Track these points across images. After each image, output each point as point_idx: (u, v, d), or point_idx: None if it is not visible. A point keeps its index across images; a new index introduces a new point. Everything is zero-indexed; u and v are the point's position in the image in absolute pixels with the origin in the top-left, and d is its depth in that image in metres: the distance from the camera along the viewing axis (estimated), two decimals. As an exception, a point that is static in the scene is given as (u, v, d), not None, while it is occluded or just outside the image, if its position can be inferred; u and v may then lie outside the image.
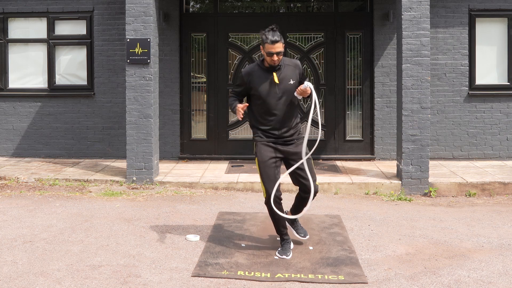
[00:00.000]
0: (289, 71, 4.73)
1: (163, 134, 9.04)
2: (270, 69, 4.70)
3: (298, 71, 4.77)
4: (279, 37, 4.61)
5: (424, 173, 7.26)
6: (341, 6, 9.21)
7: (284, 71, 4.72)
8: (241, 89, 4.83)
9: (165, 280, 4.23)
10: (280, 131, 4.73)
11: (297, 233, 5.06)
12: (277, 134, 4.73)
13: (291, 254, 4.77)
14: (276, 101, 4.68)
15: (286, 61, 4.78)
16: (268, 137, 4.75)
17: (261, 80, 4.70)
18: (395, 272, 4.41)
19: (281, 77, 4.69)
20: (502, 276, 4.32)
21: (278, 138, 4.74)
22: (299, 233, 5.06)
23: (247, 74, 4.76)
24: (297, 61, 4.90)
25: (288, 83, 4.70)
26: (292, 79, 4.72)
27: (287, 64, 4.76)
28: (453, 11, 8.84)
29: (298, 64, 4.83)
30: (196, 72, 9.26)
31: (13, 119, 9.28)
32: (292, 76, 4.72)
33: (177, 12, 9.06)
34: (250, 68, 4.81)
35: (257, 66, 4.78)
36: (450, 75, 8.90)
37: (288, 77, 4.71)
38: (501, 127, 8.91)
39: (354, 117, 9.16)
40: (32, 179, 7.72)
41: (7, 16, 9.25)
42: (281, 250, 4.80)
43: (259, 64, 4.78)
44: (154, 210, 6.29)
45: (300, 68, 4.82)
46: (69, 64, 9.26)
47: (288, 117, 4.74)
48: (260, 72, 4.73)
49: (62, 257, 4.72)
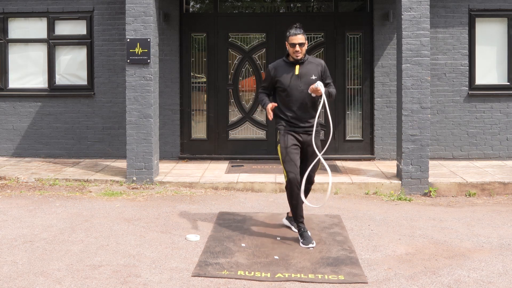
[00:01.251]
0: (312, 67, 5.14)
1: (163, 134, 9.04)
2: (294, 63, 5.11)
3: (320, 69, 5.17)
4: (301, 30, 5.06)
5: (424, 173, 7.26)
6: (341, 6, 9.22)
7: (307, 66, 5.12)
8: (268, 82, 5.22)
9: (165, 280, 4.24)
10: (301, 121, 5.11)
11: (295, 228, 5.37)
12: (298, 124, 5.11)
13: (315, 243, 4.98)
14: (299, 93, 5.07)
15: (310, 59, 5.21)
16: (290, 126, 5.11)
17: (285, 73, 5.11)
18: (395, 272, 4.41)
19: (304, 71, 5.10)
20: (502, 276, 4.33)
21: (299, 127, 5.12)
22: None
23: (273, 67, 5.19)
24: (321, 60, 5.32)
25: (310, 78, 5.08)
26: (314, 75, 5.10)
27: (311, 62, 5.18)
28: (453, 11, 8.84)
29: (321, 62, 5.24)
30: (196, 72, 9.26)
31: (13, 119, 9.28)
32: (314, 72, 5.11)
33: (177, 12, 9.06)
34: (276, 62, 5.24)
35: (283, 61, 5.20)
36: (450, 75, 8.90)
37: (310, 72, 5.10)
38: (501, 127, 8.91)
39: (354, 117, 9.16)
40: (32, 179, 7.72)
41: (7, 16, 9.25)
42: (304, 241, 5.00)
43: (285, 59, 5.20)
44: (154, 210, 6.29)
45: (323, 66, 5.21)
46: (69, 64, 9.26)
47: (309, 108, 5.13)
48: (285, 66, 5.16)
49: (62, 257, 4.72)
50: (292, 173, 5.00)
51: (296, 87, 5.07)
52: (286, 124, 5.13)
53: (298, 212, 5.12)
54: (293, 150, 5.06)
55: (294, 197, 5.05)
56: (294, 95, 5.07)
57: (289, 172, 5.01)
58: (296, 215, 5.13)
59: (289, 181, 5.01)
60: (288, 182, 5.02)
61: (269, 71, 5.19)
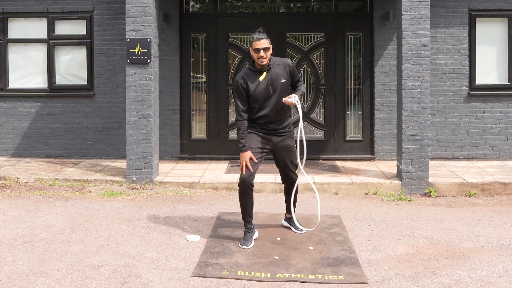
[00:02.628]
0: (279, 70, 5.05)
1: (163, 134, 9.03)
2: (261, 71, 5.02)
3: (288, 69, 5.09)
4: (264, 35, 4.97)
5: (424, 173, 7.26)
6: (341, 6, 9.21)
7: (275, 71, 5.04)
8: (243, 95, 5.04)
9: (165, 280, 4.23)
10: (273, 124, 5.09)
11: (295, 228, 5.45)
12: (271, 127, 5.09)
13: (252, 244, 5.01)
14: (270, 99, 5.02)
15: (276, 61, 5.09)
16: (262, 129, 5.09)
17: (254, 81, 5.01)
18: (395, 272, 4.41)
19: (272, 77, 5.02)
20: (502, 276, 4.32)
21: (271, 130, 5.10)
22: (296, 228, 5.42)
23: (242, 78, 5.05)
24: (287, 59, 5.19)
25: (280, 82, 5.02)
26: (284, 78, 5.04)
27: (277, 64, 5.07)
28: (453, 11, 8.84)
29: (288, 62, 5.12)
30: (196, 72, 9.25)
31: (13, 119, 9.28)
32: (283, 75, 5.04)
33: (177, 12, 9.06)
34: (243, 72, 5.11)
35: (249, 70, 5.09)
36: (450, 75, 8.90)
37: (279, 76, 5.03)
38: (501, 127, 8.91)
39: (354, 117, 9.15)
40: (32, 179, 7.72)
41: (7, 16, 9.25)
42: (242, 241, 5.03)
43: (250, 68, 5.09)
44: (154, 210, 6.29)
45: (291, 66, 5.11)
46: (69, 64, 9.25)
47: (281, 112, 5.09)
48: (252, 74, 5.05)
49: (62, 257, 4.72)
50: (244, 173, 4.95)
51: (268, 93, 4.99)
52: (257, 126, 5.08)
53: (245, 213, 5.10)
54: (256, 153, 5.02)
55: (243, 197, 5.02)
56: (266, 102, 5.01)
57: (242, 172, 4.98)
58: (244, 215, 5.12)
59: (241, 180, 4.98)
60: (240, 181, 4.99)
61: (240, 85, 5.02)
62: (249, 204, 5.08)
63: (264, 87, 4.99)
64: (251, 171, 4.98)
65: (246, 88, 5.01)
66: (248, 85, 5.00)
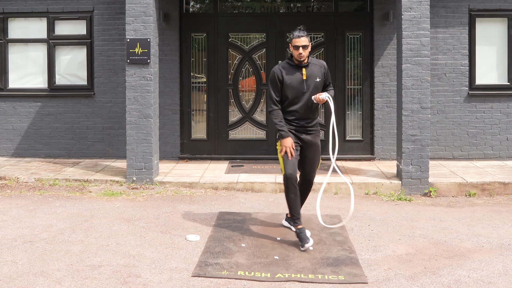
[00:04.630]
0: (315, 69, 5.20)
1: (163, 134, 9.04)
2: (299, 66, 5.15)
3: (323, 70, 5.25)
4: (304, 33, 5.12)
5: (424, 173, 7.26)
6: (341, 6, 9.21)
7: (311, 69, 5.18)
8: (278, 90, 5.15)
9: (165, 280, 4.23)
10: (303, 121, 5.17)
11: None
12: (300, 124, 5.17)
13: (311, 240, 4.93)
14: (303, 95, 5.12)
15: (313, 61, 5.26)
16: (291, 125, 5.16)
17: (291, 75, 5.13)
18: (395, 272, 4.41)
19: (309, 74, 5.16)
20: (502, 276, 4.32)
21: (300, 127, 5.17)
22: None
23: (280, 70, 5.16)
24: (323, 61, 5.44)
25: (314, 80, 5.16)
26: (318, 77, 5.19)
27: (314, 64, 5.24)
28: (453, 11, 8.84)
29: (324, 64, 5.31)
30: (196, 72, 9.25)
31: (13, 119, 9.28)
32: (318, 74, 5.19)
33: (177, 12, 9.06)
34: (281, 65, 5.22)
35: (287, 63, 5.21)
36: (450, 75, 8.90)
37: (315, 75, 5.17)
38: (501, 127, 8.91)
39: (354, 117, 9.16)
40: (32, 179, 7.72)
41: (7, 16, 9.25)
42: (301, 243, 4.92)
43: (288, 62, 5.21)
44: (154, 210, 6.29)
45: (326, 68, 5.29)
46: (69, 64, 9.25)
47: (311, 110, 5.19)
48: (290, 68, 5.17)
49: (62, 257, 4.72)
50: (288, 169, 5.02)
51: (302, 89, 5.11)
52: (287, 123, 5.16)
53: (292, 209, 5.10)
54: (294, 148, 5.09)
55: (289, 193, 5.04)
56: (299, 97, 5.11)
57: (286, 169, 5.04)
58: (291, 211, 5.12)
59: (285, 176, 5.04)
60: (285, 178, 5.04)
61: (276, 76, 5.13)
62: (296, 200, 5.07)
63: (299, 82, 5.10)
64: (293, 157, 5.04)
65: (282, 79, 5.10)
66: (284, 77, 5.10)
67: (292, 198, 5.06)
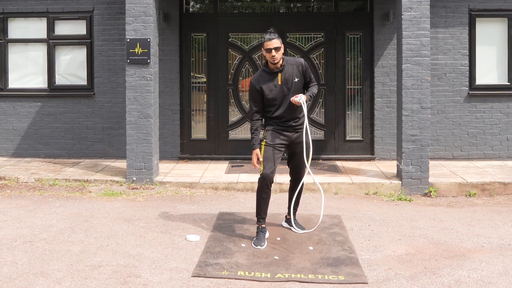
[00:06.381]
0: (292, 69, 5.12)
1: (163, 134, 9.03)
2: (275, 71, 5.09)
3: (301, 68, 5.14)
4: (275, 35, 5.05)
5: (424, 173, 7.26)
6: (341, 6, 9.21)
7: (288, 71, 5.11)
8: (256, 97, 5.14)
9: (165, 280, 4.23)
10: (291, 121, 5.14)
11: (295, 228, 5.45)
12: (288, 124, 5.15)
13: (266, 244, 5.02)
14: (285, 98, 5.08)
15: (289, 61, 5.16)
16: (279, 126, 5.15)
17: (268, 82, 5.09)
18: (395, 272, 4.41)
19: (286, 77, 5.09)
20: (502, 276, 4.32)
21: (289, 127, 5.16)
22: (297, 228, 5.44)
23: (256, 80, 5.13)
24: (300, 59, 5.26)
25: (293, 81, 5.09)
26: (297, 77, 5.11)
27: (290, 64, 5.14)
28: (453, 11, 8.84)
29: (300, 62, 5.19)
30: (196, 72, 9.25)
31: (13, 119, 9.28)
32: (296, 74, 5.11)
33: (177, 12, 9.06)
34: (257, 75, 5.18)
35: (263, 71, 5.16)
36: (450, 75, 8.90)
37: (293, 76, 5.10)
38: (501, 127, 8.91)
39: (354, 117, 9.15)
40: (32, 179, 7.71)
41: (7, 16, 9.25)
42: (256, 240, 5.05)
43: (264, 69, 5.16)
44: (154, 210, 6.29)
45: (303, 65, 5.17)
46: (69, 64, 9.26)
47: (296, 110, 5.14)
48: (266, 76, 5.12)
49: (62, 257, 4.72)
50: (266, 168, 5.01)
51: (282, 94, 5.08)
52: (274, 124, 5.16)
53: (260, 209, 5.14)
54: (275, 148, 5.09)
55: (261, 192, 5.08)
56: (282, 101, 5.09)
57: (264, 167, 5.03)
58: (258, 211, 5.15)
59: (262, 176, 5.03)
60: (261, 177, 5.04)
61: (254, 85, 5.12)
62: (266, 201, 5.11)
63: (278, 88, 5.06)
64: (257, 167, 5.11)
65: (261, 90, 5.08)
66: (261, 87, 5.07)
67: (263, 198, 5.11)
